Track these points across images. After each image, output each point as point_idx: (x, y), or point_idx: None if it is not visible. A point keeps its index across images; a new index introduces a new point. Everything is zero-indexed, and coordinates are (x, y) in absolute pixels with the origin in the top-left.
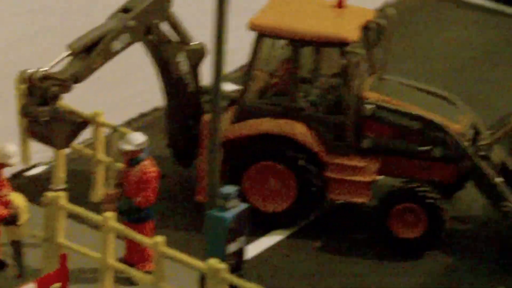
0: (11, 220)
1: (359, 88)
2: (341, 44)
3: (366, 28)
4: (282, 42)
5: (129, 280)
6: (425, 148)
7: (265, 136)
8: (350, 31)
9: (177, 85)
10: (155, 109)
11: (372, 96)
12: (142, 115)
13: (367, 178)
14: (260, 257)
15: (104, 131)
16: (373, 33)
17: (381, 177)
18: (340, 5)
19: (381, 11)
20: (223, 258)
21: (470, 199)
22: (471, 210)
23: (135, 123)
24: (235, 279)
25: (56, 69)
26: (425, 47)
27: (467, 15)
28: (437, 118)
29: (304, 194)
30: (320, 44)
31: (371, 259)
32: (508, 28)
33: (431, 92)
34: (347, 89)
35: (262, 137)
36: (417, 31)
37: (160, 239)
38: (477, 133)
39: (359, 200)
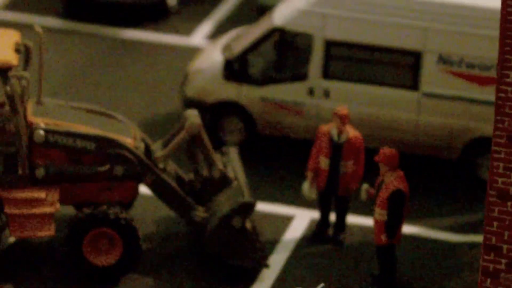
0: None
1: (25, 114)
2: (4, 70)
3: (16, 50)
4: None
5: None
6: (105, 168)
7: None
8: (9, 54)
9: None
10: None
11: (38, 121)
12: None
13: (49, 210)
14: None
15: None
16: (22, 55)
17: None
18: None
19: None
20: None
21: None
22: (155, 226)
23: None
24: None
25: None
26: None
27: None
28: (111, 135)
29: None
30: None
31: None
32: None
33: (92, 111)
34: (16, 116)
35: None
36: None
37: None
38: (146, 146)
39: (44, 234)
